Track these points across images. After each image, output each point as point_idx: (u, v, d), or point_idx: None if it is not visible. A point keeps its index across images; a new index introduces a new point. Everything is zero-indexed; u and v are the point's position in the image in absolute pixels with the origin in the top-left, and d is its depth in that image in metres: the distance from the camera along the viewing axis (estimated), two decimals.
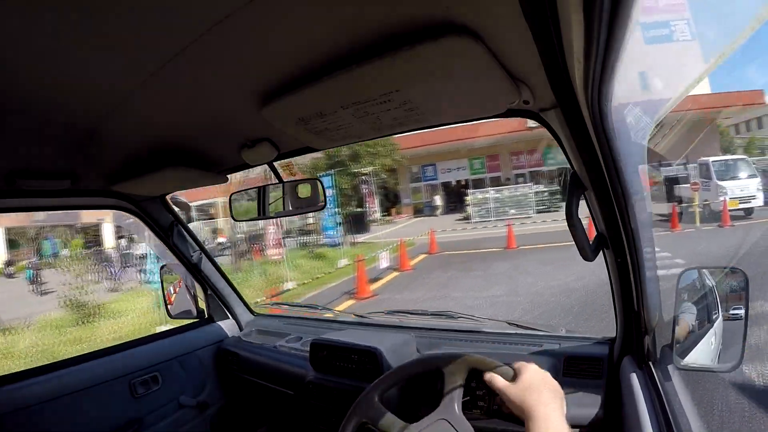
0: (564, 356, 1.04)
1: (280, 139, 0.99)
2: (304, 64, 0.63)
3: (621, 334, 0.96)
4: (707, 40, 1.67)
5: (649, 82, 0.62)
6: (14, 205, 1.20)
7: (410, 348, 1.24)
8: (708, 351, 0.82)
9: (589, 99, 0.54)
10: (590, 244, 0.86)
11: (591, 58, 0.42)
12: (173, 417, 1.52)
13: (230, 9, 0.49)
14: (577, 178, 0.79)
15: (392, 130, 0.84)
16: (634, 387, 0.81)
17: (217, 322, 1.77)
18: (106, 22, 0.51)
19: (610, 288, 0.95)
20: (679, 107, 6.92)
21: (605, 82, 0.48)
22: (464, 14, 0.50)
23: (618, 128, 0.60)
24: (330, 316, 1.71)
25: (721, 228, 8.72)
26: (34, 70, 0.60)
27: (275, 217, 1.36)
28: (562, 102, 0.65)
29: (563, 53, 0.48)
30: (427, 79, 0.62)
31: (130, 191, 1.38)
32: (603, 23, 0.35)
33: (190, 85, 0.70)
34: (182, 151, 1.03)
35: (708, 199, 10.24)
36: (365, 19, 0.52)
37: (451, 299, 5.66)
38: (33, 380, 1.24)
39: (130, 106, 0.75)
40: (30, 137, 0.85)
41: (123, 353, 1.45)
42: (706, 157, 11.08)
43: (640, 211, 0.75)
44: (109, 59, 0.60)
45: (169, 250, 1.62)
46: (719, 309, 0.82)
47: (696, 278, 0.88)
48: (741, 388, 2.33)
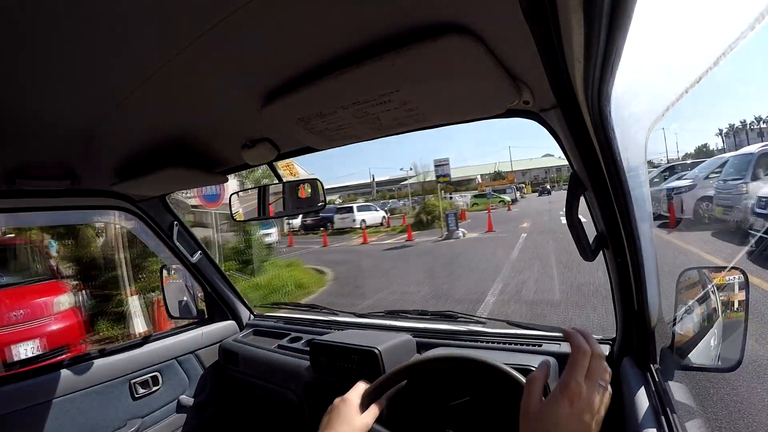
0: (564, 356, 1.04)
1: (280, 139, 0.99)
2: (305, 64, 0.63)
3: (621, 334, 0.96)
4: (708, 39, 1.69)
5: (649, 82, 0.61)
6: (14, 205, 1.20)
7: (410, 348, 1.24)
8: (708, 351, 0.82)
9: (589, 99, 0.54)
10: (590, 244, 0.86)
11: (591, 59, 0.42)
12: (173, 417, 1.52)
13: (230, 9, 0.48)
14: (577, 178, 0.79)
15: (392, 130, 0.84)
16: (634, 387, 0.81)
17: (217, 323, 1.77)
18: (106, 21, 0.51)
19: (609, 288, 0.95)
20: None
21: (605, 82, 0.48)
22: (464, 14, 0.50)
23: (618, 128, 0.61)
24: (330, 317, 1.71)
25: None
26: (33, 70, 0.60)
27: (275, 217, 1.36)
28: (562, 102, 0.65)
29: (563, 53, 0.48)
30: (427, 80, 0.62)
31: (130, 191, 1.38)
32: (603, 23, 0.35)
33: (190, 85, 0.70)
34: (182, 151, 1.03)
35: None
36: (365, 19, 0.52)
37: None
38: (33, 380, 1.24)
39: (130, 106, 0.75)
40: (30, 137, 0.85)
41: (123, 353, 1.45)
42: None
43: (640, 211, 0.75)
44: (110, 59, 0.60)
45: (168, 250, 1.62)
46: (719, 309, 0.82)
47: (696, 278, 0.88)
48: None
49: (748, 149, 7.52)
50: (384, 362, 1.12)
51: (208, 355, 1.68)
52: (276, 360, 1.48)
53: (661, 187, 9.87)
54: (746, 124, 29.61)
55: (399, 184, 53.04)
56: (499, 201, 27.58)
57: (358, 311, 1.72)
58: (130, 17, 0.50)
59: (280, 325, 1.73)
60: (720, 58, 0.44)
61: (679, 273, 0.88)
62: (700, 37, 0.46)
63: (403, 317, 1.51)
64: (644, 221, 0.77)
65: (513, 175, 49.69)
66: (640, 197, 0.75)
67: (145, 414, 1.44)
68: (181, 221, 1.61)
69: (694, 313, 0.86)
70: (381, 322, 1.54)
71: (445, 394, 0.94)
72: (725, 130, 32.72)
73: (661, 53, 0.51)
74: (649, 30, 0.40)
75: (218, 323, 1.77)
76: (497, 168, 55.85)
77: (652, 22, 0.39)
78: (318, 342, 1.30)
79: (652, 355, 0.87)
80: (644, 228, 0.77)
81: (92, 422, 1.31)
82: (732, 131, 31.27)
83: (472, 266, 7.89)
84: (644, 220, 0.77)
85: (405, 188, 45.44)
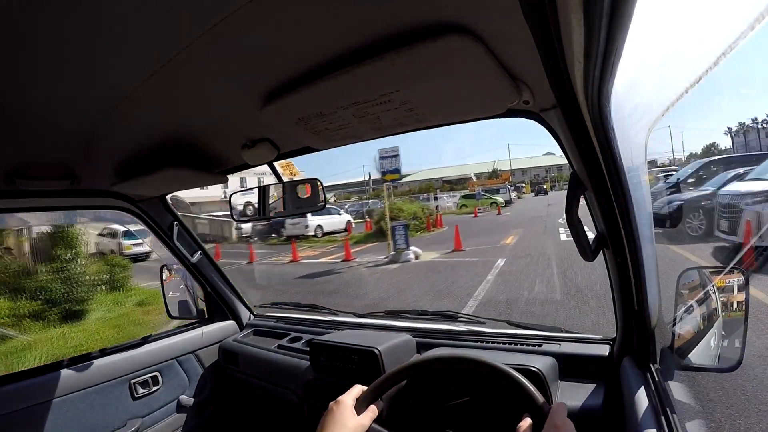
0: (564, 356, 1.04)
1: (280, 139, 0.99)
2: (305, 64, 0.63)
3: (621, 334, 0.96)
4: (708, 39, 1.64)
5: (649, 82, 0.61)
6: (14, 205, 1.20)
7: (410, 348, 1.24)
8: (708, 351, 0.82)
9: (589, 99, 0.54)
10: (590, 244, 0.86)
11: (591, 58, 0.42)
12: (173, 417, 1.52)
13: (230, 9, 0.48)
14: (577, 178, 0.79)
15: (392, 131, 0.84)
16: (634, 387, 0.81)
17: (217, 323, 1.77)
18: (106, 21, 0.50)
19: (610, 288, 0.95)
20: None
21: (605, 82, 0.48)
22: (464, 14, 0.50)
23: (618, 128, 0.61)
24: (330, 317, 1.71)
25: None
26: (34, 70, 0.60)
27: (275, 217, 1.36)
28: (562, 102, 0.65)
29: (563, 53, 0.48)
30: (427, 80, 0.62)
31: (130, 191, 1.38)
32: (603, 23, 0.35)
33: (190, 85, 0.70)
34: (182, 151, 1.03)
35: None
36: (365, 19, 0.52)
37: None
38: (33, 380, 1.24)
39: (130, 106, 0.75)
40: (30, 137, 0.85)
41: (123, 353, 1.45)
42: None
43: (640, 211, 0.75)
44: (109, 59, 0.60)
45: (168, 250, 1.62)
46: (719, 309, 0.82)
47: (696, 278, 0.88)
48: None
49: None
50: (384, 362, 1.12)
51: (208, 355, 1.68)
52: (276, 360, 1.48)
53: (715, 191, 6.35)
54: (758, 122, 29.11)
55: (396, 182, 52.61)
56: (491, 203, 24.43)
57: (358, 311, 1.71)
58: (130, 17, 0.50)
59: (280, 325, 1.73)
60: (720, 58, 0.44)
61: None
62: (700, 37, 0.46)
63: (403, 317, 1.51)
64: (644, 221, 0.77)
65: (508, 174, 47.62)
66: (640, 197, 0.75)
67: (145, 414, 1.44)
68: (181, 221, 1.61)
69: (694, 313, 0.86)
70: (381, 322, 1.54)
71: (445, 394, 0.94)
72: (735, 128, 32.38)
73: (661, 53, 0.51)
74: (649, 30, 0.40)
75: (218, 323, 1.77)
76: (496, 166, 54.62)
77: (652, 22, 0.39)
78: (318, 342, 1.30)
79: (652, 355, 0.88)
80: (644, 228, 0.77)
81: (92, 422, 1.31)
82: (742, 129, 30.87)
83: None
84: (644, 220, 0.77)
85: (402, 186, 44.89)
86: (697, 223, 6.54)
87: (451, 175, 52.81)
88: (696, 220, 6.57)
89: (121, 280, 7.48)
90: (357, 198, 22.20)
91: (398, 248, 9.15)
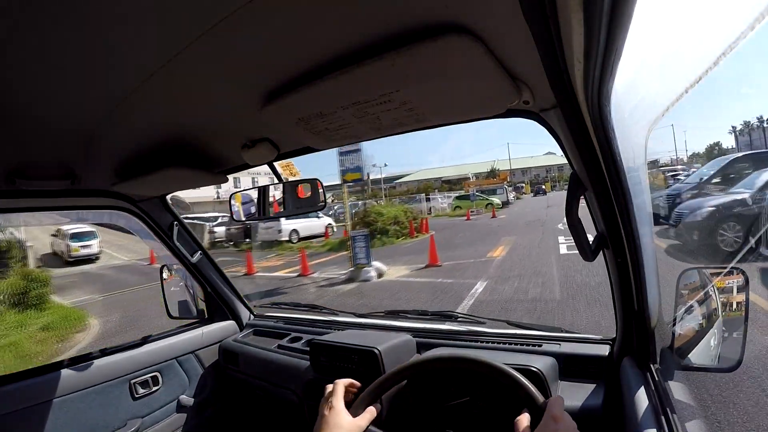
0: (564, 356, 1.04)
1: (280, 139, 0.99)
2: (305, 65, 0.63)
3: (621, 334, 0.96)
4: (708, 39, 1.61)
5: (649, 82, 0.62)
6: (14, 205, 1.20)
7: (410, 348, 1.24)
8: (708, 351, 0.82)
9: (589, 99, 0.54)
10: (590, 244, 0.86)
11: (591, 58, 0.42)
12: (173, 417, 1.52)
13: (230, 9, 0.49)
14: (577, 178, 0.79)
15: (392, 131, 0.84)
16: (634, 387, 0.81)
17: (217, 323, 1.77)
18: (106, 21, 0.51)
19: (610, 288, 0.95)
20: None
21: (605, 82, 0.48)
22: (464, 14, 0.50)
23: (618, 128, 0.61)
24: (330, 317, 1.71)
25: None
26: (34, 70, 0.60)
27: (275, 217, 1.36)
28: (562, 102, 0.65)
29: (563, 53, 0.48)
30: (427, 80, 0.62)
31: (130, 191, 1.38)
32: (603, 23, 0.35)
33: (190, 85, 0.70)
34: (182, 151, 1.03)
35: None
36: (365, 19, 0.52)
37: None
38: (33, 380, 1.24)
39: (130, 106, 0.75)
40: (30, 138, 0.85)
41: (123, 353, 1.45)
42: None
43: (640, 211, 0.75)
44: (109, 59, 0.60)
45: (168, 250, 1.62)
46: (719, 309, 0.82)
47: (696, 278, 0.88)
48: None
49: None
50: (384, 362, 1.12)
51: (208, 355, 1.68)
52: (276, 360, 1.48)
53: (755, 195, 5.05)
54: (763, 120, 28.69)
55: (394, 182, 52.49)
56: (486, 204, 23.01)
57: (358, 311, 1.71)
58: (130, 17, 0.50)
59: (280, 325, 1.73)
60: (720, 58, 0.44)
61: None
62: (700, 37, 0.46)
63: (403, 317, 1.51)
64: (644, 221, 0.77)
65: (506, 174, 46.71)
66: (641, 197, 0.75)
67: (145, 414, 1.44)
68: (181, 221, 1.61)
69: (694, 313, 0.86)
70: (381, 322, 1.54)
71: (445, 394, 0.94)
72: (739, 127, 32.11)
73: (662, 53, 0.51)
74: (649, 30, 0.40)
75: (218, 323, 1.77)
76: (495, 166, 54.02)
77: (652, 21, 0.39)
78: (318, 342, 1.30)
79: (652, 355, 0.88)
80: (644, 228, 0.77)
81: (92, 422, 1.31)
82: (747, 129, 30.59)
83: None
84: (644, 220, 0.77)
85: (401, 186, 44.44)
86: (732, 236, 5.11)
87: (450, 174, 52.66)
88: (731, 232, 5.12)
89: (35, 298, 6.25)
90: (355, 198, 20.96)
91: (358, 263, 7.60)
